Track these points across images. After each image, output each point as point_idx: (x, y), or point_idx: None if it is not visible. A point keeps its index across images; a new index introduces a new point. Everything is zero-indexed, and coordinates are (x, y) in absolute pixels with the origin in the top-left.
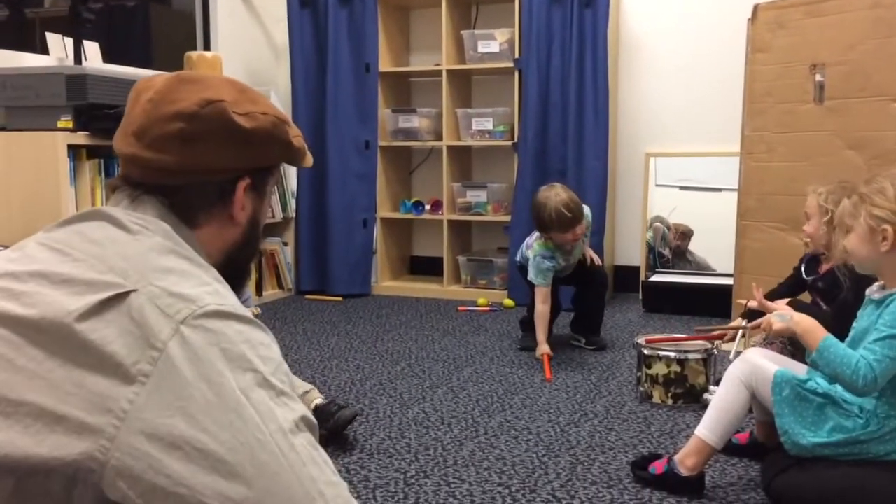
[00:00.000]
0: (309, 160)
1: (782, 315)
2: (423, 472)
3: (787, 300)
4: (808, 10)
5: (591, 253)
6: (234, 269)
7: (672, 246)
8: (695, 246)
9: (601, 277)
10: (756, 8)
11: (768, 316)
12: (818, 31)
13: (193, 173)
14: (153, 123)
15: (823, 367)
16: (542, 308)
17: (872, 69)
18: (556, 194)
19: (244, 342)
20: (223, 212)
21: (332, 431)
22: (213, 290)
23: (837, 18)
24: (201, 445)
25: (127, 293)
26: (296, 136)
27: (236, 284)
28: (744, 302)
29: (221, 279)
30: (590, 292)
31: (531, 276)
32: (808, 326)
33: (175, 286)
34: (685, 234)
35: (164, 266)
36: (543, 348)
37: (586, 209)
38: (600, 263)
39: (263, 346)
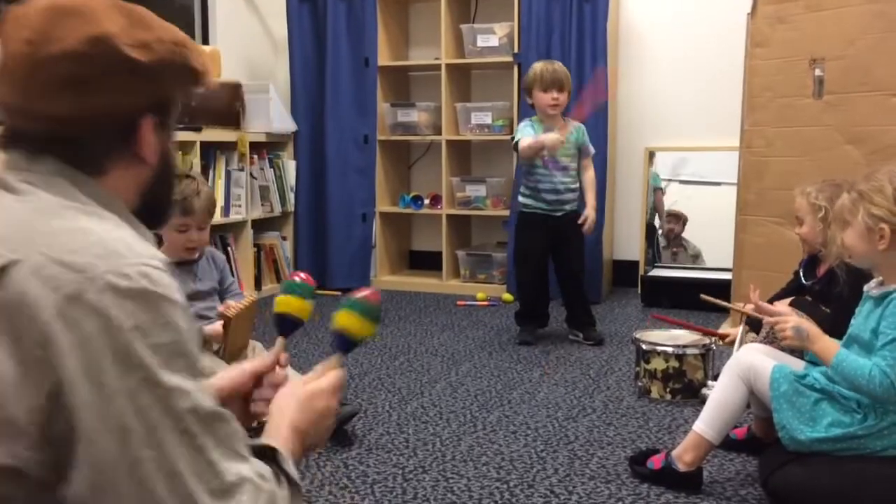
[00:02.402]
0: (212, 80)
1: (800, 330)
2: (421, 467)
3: (785, 301)
4: (807, 4)
5: (589, 210)
6: (152, 208)
7: (665, 230)
8: (694, 240)
9: (576, 266)
10: (756, 2)
11: (788, 321)
12: (818, 25)
13: (91, 119)
14: (37, 69)
15: (841, 381)
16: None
17: (872, 64)
18: (552, 61)
19: (134, 329)
20: (128, 152)
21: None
22: (110, 251)
23: (837, 13)
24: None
25: (12, 264)
26: (198, 57)
27: (157, 222)
28: (740, 306)
29: (133, 223)
30: (567, 286)
31: (516, 138)
32: (824, 346)
33: (63, 253)
34: (678, 218)
35: (52, 228)
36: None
37: (583, 127)
38: (591, 229)
39: (157, 327)
